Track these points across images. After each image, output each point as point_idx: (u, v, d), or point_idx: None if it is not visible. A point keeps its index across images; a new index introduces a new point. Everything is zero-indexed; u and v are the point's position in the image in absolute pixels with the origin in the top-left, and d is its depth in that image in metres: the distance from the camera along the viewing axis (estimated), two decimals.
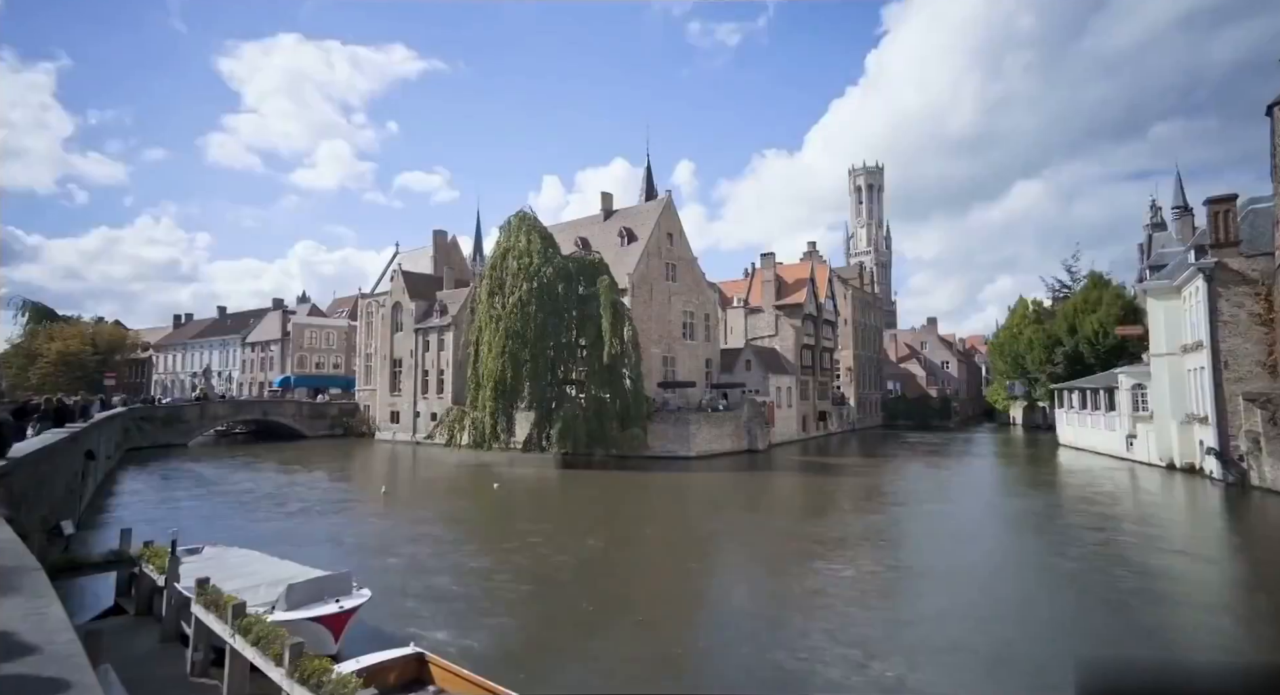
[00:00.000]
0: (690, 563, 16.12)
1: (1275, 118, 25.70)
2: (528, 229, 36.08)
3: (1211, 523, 21.98)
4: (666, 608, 12.62)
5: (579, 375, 36.05)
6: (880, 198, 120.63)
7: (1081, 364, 48.67)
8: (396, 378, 53.92)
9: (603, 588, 13.81)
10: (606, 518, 21.92)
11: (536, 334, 33.59)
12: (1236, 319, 27.19)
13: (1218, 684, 3.31)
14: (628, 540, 18.81)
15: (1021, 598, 13.11)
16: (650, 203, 51.97)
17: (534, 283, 34.14)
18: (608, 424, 33.79)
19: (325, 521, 21.08)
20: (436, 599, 12.78)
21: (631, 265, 40.83)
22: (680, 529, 20.66)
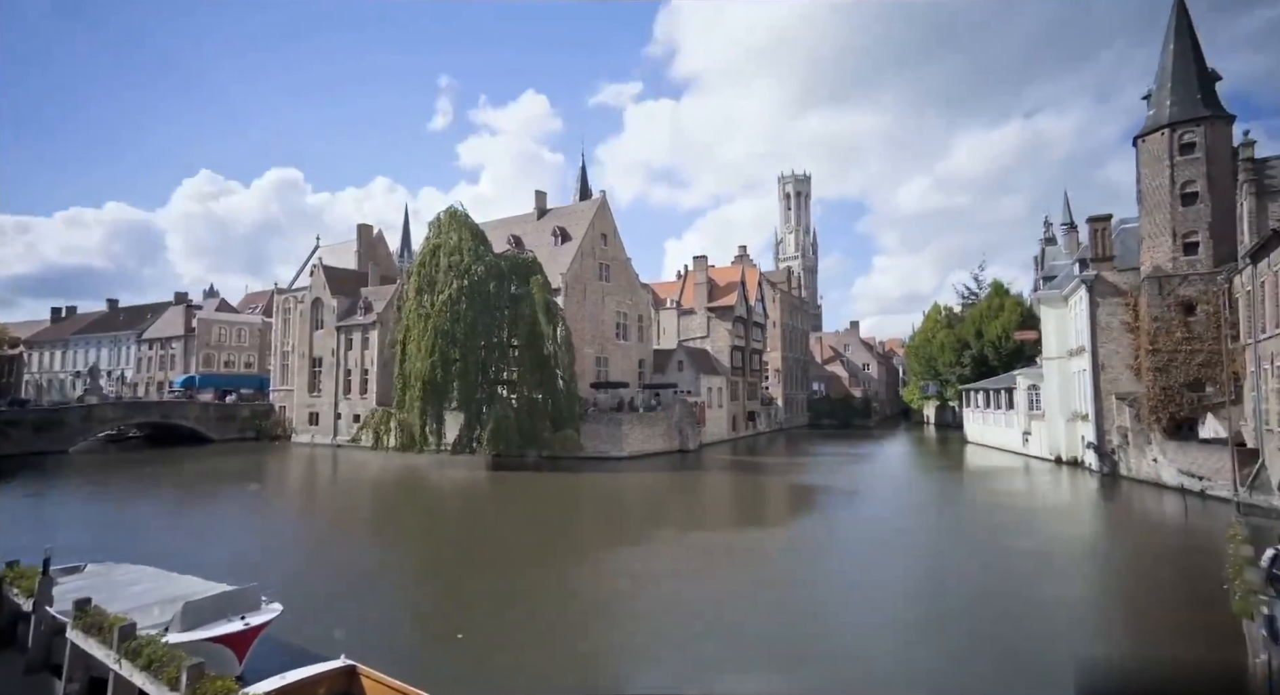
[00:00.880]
0: (601, 565, 15.89)
1: (1140, 149, 28.71)
2: (459, 225, 35.15)
3: (1082, 507, 24.29)
4: (577, 615, 12.36)
5: (511, 375, 35.44)
6: (807, 205, 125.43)
7: (986, 366, 52.45)
8: (316, 377, 51.15)
9: (523, 594, 13.59)
10: (531, 523, 21.42)
11: (467, 333, 32.75)
12: (1111, 326, 30.10)
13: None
14: (544, 544, 18.64)
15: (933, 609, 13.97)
16: (585, 202, 51.84)
17: (465, 280, 33.28)
18: (540, 425, 33.39)
19: (236, 530, 19.74)
20: (363, 608, 12.25)
21: (565, 265, 40.56)
22: (599, 532, 20.70)
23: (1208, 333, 26.23)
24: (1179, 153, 27.18)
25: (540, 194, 48.27)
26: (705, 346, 53.26)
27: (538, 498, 25.85)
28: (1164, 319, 27.08)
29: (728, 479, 31.67)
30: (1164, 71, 28.34)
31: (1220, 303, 25.92)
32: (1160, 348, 27.09)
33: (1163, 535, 19.89)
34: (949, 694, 9.00)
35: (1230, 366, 25.31)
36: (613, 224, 45.56)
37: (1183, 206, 27.09)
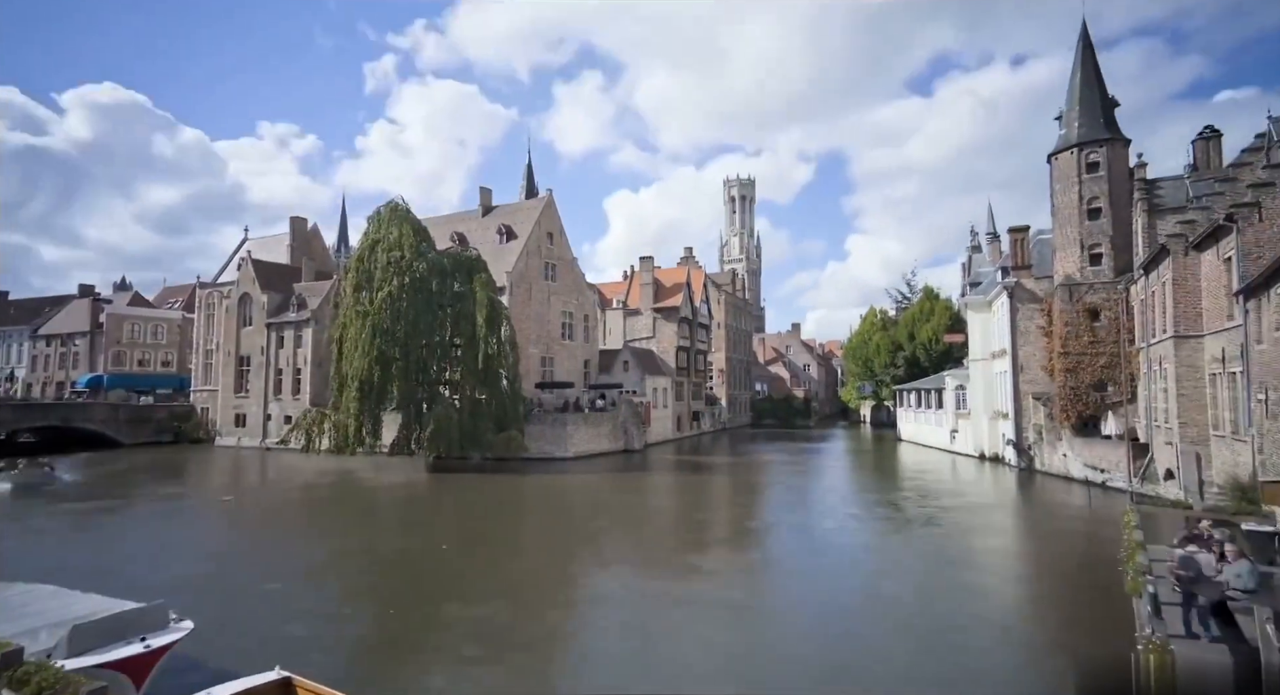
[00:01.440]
0: (541, 574, 15.64)
1: (1052, 166, 30.92)
2: (399, 220, 34.13)
3: (1001, 499, 26.00)
4: (518, 627, 11.89)
5: (453, 375, 34.68)
6: (751, 208, 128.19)
7: (919, 367, 55.09)
8: (243, 377, 48.50)
9: (459, 604, 13.34)
10: (470, 528, 20.94)
11: (408, 331, 31.86)
12: (1029, 330, 32.27)
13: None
14: (484, 549, 18.38)
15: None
16: (531, 200, 51.36)
17: (406, 277, 32.36)
18: (483, 426, 32.81)
19: (149, 541, 18.52)
20: (288, 621, 11.74)
21: (510, 263, 40.05)
22: (541, 537, 20.60)
23: (1110, 337, 28.49)
24: (1085, 171, 29.39)
25: (485, 190, 47.51)
26: (651, 347, 53.66)
27: (478, 502, 25.40)
28: (1074, 324, 29.22)
29: (672, 480, 32.02)
30: (1072, 96, 30.59)
31: (1120, 309, 28.21)
32: (1070, 351, 29.22)
33: (1069, 523, 21.53)
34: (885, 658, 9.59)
35: (1127, 368, 27.58)
36: (559, 223, 45.31)
37: (1088, 220, 29.31)
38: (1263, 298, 13.98)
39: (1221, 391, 18.90)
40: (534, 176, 72.86)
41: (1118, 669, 9.31)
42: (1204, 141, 26.10)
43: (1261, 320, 14.30)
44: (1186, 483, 21.16)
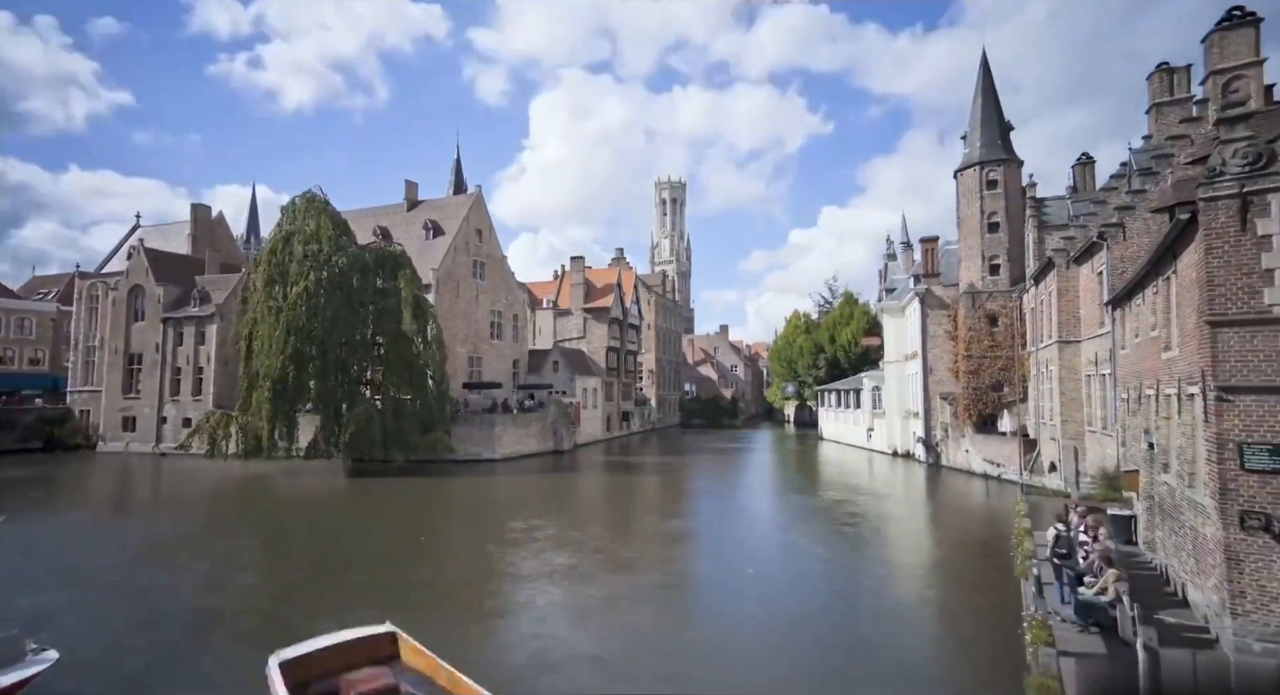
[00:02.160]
0: (461, 590, 14.60)
1: (958, 181, 33.38)
2: (317, 212, 32.35)
3: (910, 492, 27.80)
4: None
5: (376, 375, 33.22)
6: (682, 211, 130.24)
7: (839, 369, 57.80)
8: (134, 376, 44.38)
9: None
10: (386, 536, 19.76)
11: (326, 329, 30.23)
12: (937, 334, 34.63)
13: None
14: (396, 561, 17.58)
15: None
16: (460, 196, 50.05)
17: (324, 272, 30.72)
18: (407, 427, 31.61)
19: (5, 563, 16.59)
20: (175, 649, 10.81)
21: (437, 260, 38.85)
22: (464, 547, 20.18)
23: (1006, 341, 31.04)
24: (986, 187, 31.89)
25: (411, 184, 45.79)
26: (581, 347, 53.50)
27: (398, 507, 24.29)
28: (976, 329, 31.63)
29: (600, 482, 32.05)
30: (974, 119, 33.12)
31: (1015, 316, 30.81)
32: (973, 354, 31.60)
33: (967, 512, 23.32)
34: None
35: (1020, 370, 30.16)
36: (489, 220, 44.38)
37: (988, 233, 31.82)
38: (1126, 308, 15.68)
39: (1094, 391, 21.03)
40: (462, 172, 70.94)
41: (1009, 642, 10.22)
42: (1081, 166, 28.92)
43: (1125, 328, 16.05)
44: (1066, 474, 23.39)
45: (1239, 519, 8.27)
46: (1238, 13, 8.74)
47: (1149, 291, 13.21)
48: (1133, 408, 15.16)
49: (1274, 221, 8.21)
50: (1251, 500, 8.23)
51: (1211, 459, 8.67)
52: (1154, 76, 20.82)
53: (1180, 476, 10.93)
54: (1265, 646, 8.09)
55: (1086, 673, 8.28)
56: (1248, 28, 8.68)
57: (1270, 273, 8.22)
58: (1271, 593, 8.11)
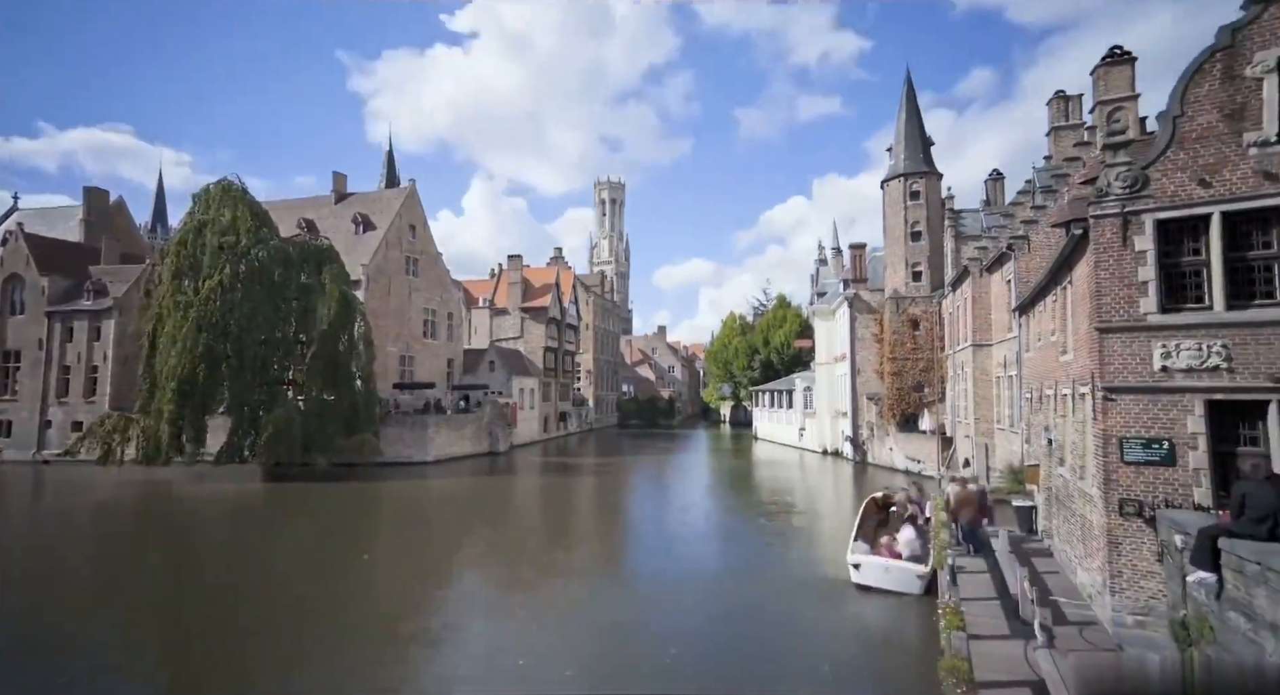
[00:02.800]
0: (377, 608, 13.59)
1: (885, 191, 35.13)
2: (234, 201, 30.40)
3: (837, 487, 29.06)
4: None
5: (298, 375, 31.52)
6: (621, 212, 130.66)
7: (773, 370, 59.52)
8: (10, 376, 40.22)
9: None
10: (300, 550, 17.97)
11: (243, 326, 28.43)
12: (865, 337, 36.27)
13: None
14: (309, 578, 17.08)
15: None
16: (392, 190, 48.27)
17: (241, 265, 28.89)
18: (331, 429, 30.13)
19: None
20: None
21: (367, 255, 37.33)
22: (386, 558, 19.57)
23: (927, 344, 32.87)
24: (909, 198, 33.69)
25: (339, 176, 43.79)
26: (518, 347, 52.73)
27: (312, 513, 22.92)
28: (899, 332, 33.33)
29: (535, 483, 31.67)
30: (899, 133, 34.94)
31: (934, 320, 32.69)
32: (896, 356, 33.28)
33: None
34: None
35: (939, 371, 32.04)
36: (423, 216, 43.03)
37: (912, 241, 33.62)
38: (1030, 314, 17.00)
39: (1003, 392, 22.63)
40: (395, 165, 68.50)
41: (929, 631, 10.85)
42: (993, 181, 31.08)
43: (1029, 333, 17.39)
44: (977, 469, 25.03)
45: (1118, 506, 9.12)
46: (1118, 51, 9.68)
47: (1049, 299, 14.36)
48: (1035, 407, 16.42)
49: (1148, 239, 9.11)
50: (1129, 489, 9.11)
51: (1098, 453, 9.52)
52: (1053, 102, 22.61)
53: (1073, 469, 11.94)
54: (1136, 619, 9.00)
55: (992, 654, 8.91)
56: (1125, 65, 9.60)
57: (1145, 284, 9.12)
58: (1142, 570, 9.01)
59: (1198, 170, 8.85)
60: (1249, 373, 8.47)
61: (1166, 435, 8.91)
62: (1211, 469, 8.66)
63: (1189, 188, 8.91)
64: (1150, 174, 9.11)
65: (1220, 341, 8.63)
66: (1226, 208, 8.68)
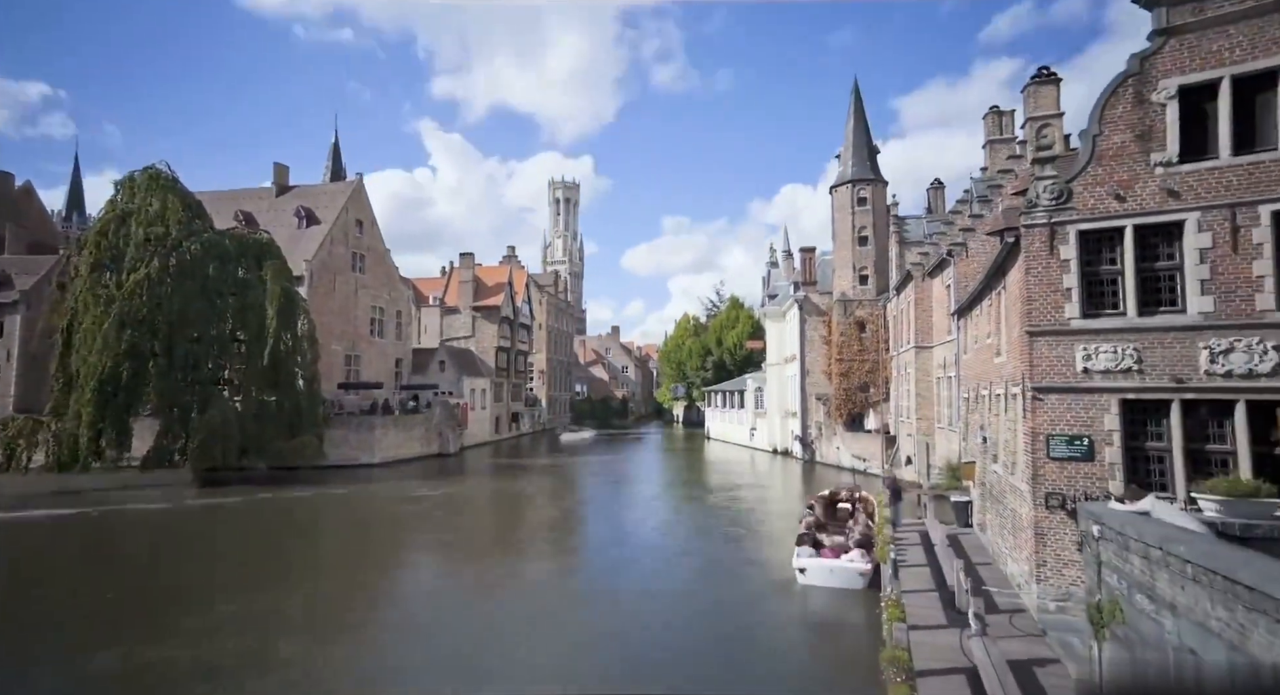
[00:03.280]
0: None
1: (833, 197, 36.18)
2: (163, 190, 28.75)
3: (787, 484, 29.80)
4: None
5: (236, 374, 30.03)
6: (576, 212, 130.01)
7: (725, 370, 60.37)
8: None
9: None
10: (228, 563, 16.42)
11: (173, 323, 26.92)
12: (814, 339, 37.23)
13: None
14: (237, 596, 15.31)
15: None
16: (338, 183, 46.68)
17: (172, 259, 27.35)
18: (271, 431, 28.87)
19: None
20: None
21: (311, 251, 35.93)
22: (328, 566, 18.95)
23: (872, 346, 34.02)
24: (857, 204, 34.80)
25: (281, 167, 41.97)
26: (470, 347, 51.79)
27: (246, 521, 21.73)
28: (847, 334, 34.37)
29: (484, 486, 31.12)
30: (847, 141, 36.05)
31: (880, 323, 33.87)
32: (844, 357, 34.31)
33: None
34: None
35: (884, 372, 33.22)
36: (370, 211, 41.70)
37: (859, 246, 34.73)
38: (968, 317, 17.86)
39: (943, 392, 23.66)
40: (340, 158, 66.19)
41: (872, 619, 11.24)
42: (934, 190, 32.48)
43: (967, 335, 18.26)
44: (919, 467, 26.10)
45: (1044, 500, 9.70)
46: (1045, 71, 10.31)
47: (985, 304, 15.11)
48: (972, 406, 17.24)
49: (1071, 248, 9.72)
50: (1054, 483, 9.70)
51: (1027, 449, 10.09)
52: (988, 116, 23.80)
53: (1005, 466, 12.60)
54: (1058, 604, 9.61)
55: (930, 643, 9.32)
56: (1052, 85, 10.22)
57: (1069, 291, 9.72)
58: (1064, 559, 9.62)
59: (1113, 186, 9.50)
60: (1156, 374, 9.15)
61: (1087, 432, 9.53)
62: (1124, 463, 9.31)
63: (1106, 202, 9.55)
64: (1074, 187, 9.72)
65: (1133, 345, 9.29)
66: (1138, 221, 9.36)
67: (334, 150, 66.78)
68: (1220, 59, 8.94)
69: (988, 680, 7.48)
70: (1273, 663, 4.08)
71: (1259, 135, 8.81)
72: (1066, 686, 8.02)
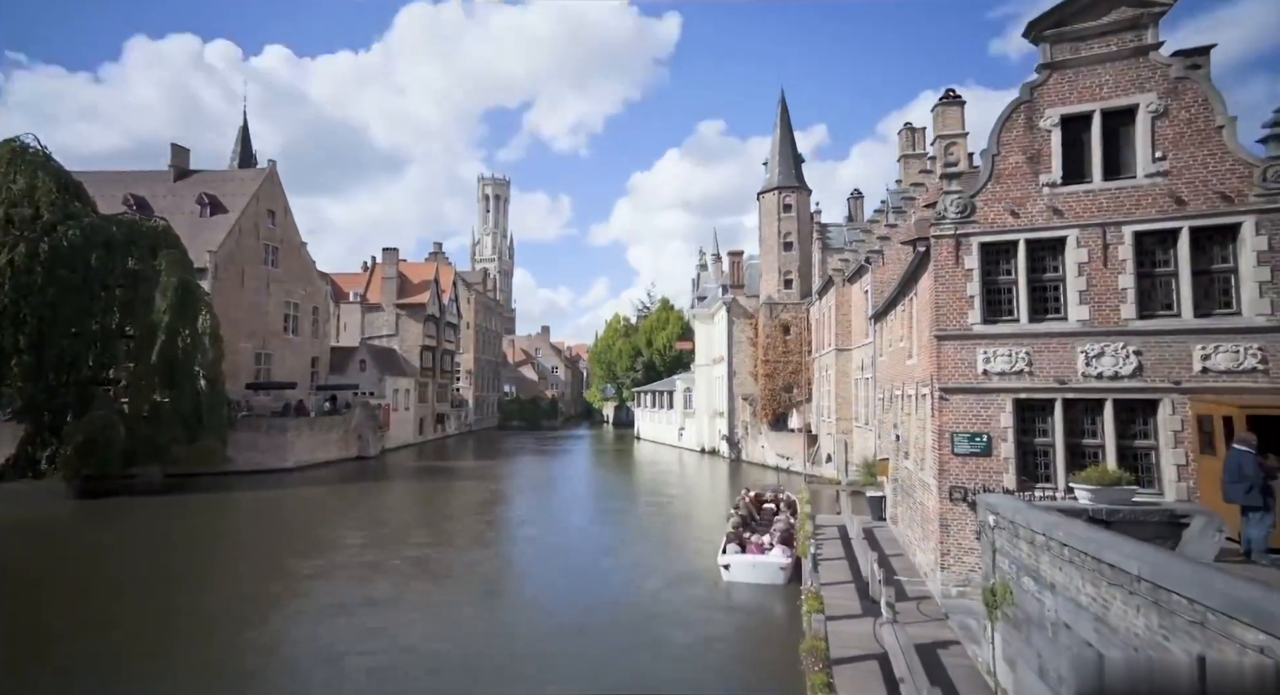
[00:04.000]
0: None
1: (760, 203, 37.36)
2: (31, 167, 25.75)
3: (714, 482, 30.48)
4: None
5: (124, 373, 27.38)
6: (506, 209, 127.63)
7: (655, 371, 60.95)
8: None
9: None
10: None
11: (44, 316, 24.21)
12: (741, 340, 38.27)
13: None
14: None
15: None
16: (247, 170, 43.62)
17: (44, 244, 24.62)
18: (166, 435, 26.48)
19: None
20: None
21: (216, 241, 33.36)
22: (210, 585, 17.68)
23: (796, 348, 35.32)
24: (783, 210, 36.04)
25: (180, 149, 38.71)
26: (393, 345, 49.74)
27: (124, 540, 19.03)
28: (772, 336, 35.52)
29: (407, 489, 29.98)
30: (774, 149, 37.30)
31: (803, 325, 35.23)
32: (769, 358, 35.44)
33: None
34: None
35: (806, 373, 34.57)
36: (284, 201, 39.21)
37: (784, 251, 35.98)
38: (884, 322, 18.91)
39: (861, 392, 24.91)
40: (250, 142, 61.84)
41: (793, 611, 11.64)
42: (854, 199, 34.18)
43: (882, 338, 19.32)
44: (838, 464, 27.34)
45: (949, 493, 10.41)
46: (951, 93, 11.08)
47: (899, 309, 16.03)
48: (886, 406, 18.24)
49: (974, 259, 10.51)
50: (957, 477, 10.43)
51: (935, 446, 10.79)
52: (902, 132, 25.29)
53: (916, 462, 13.42)
54: (959, 589, 10.36)
55: (847, 632, 9.78)
56: (957, 106, 11.01)
57: (972, 298, 10.50)
58: (965, 548, 10.37)
59: (1009, 202, 10.35)
60: (1043, 376, 10.04)
61: (986, 429, 10.31)
62: (1016, 457, 10.15)
63: (1003, 217, 10.39)
64: (976, 202, 10.51)
65: (1024, 349, 10.15)
66: (1029, 236, 10.25)
67: (242, 134, 62.07)
68: (1093, 94, 9.98)
69: (896, 664, 7.93)
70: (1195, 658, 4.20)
71: (1123, 163, 9.89)
72: (966, 665, 8.64)
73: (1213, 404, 8.90)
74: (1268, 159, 9.22)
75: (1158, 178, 9.61)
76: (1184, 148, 9.52)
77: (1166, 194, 9.55)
